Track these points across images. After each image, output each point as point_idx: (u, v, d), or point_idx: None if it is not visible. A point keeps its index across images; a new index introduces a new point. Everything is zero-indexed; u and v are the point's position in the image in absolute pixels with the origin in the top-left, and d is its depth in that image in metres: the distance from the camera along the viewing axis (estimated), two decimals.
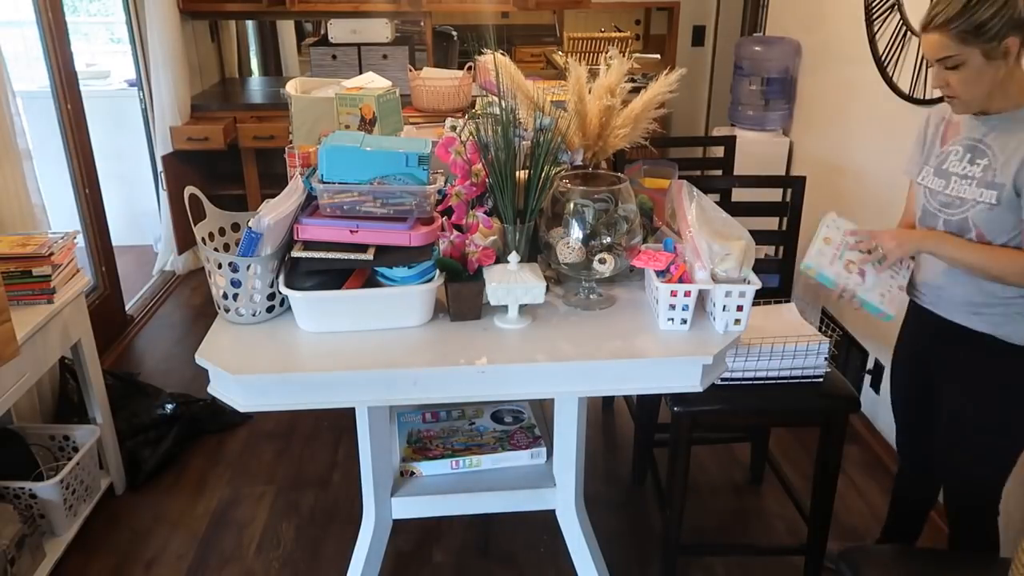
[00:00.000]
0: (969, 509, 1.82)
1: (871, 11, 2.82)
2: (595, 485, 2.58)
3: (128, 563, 2.26)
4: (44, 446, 2.37)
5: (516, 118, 1.63)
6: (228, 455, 2.75)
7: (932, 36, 1.52)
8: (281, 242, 1.51)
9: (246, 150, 3.98)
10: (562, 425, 1.82)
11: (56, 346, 2.17)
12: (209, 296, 3.27)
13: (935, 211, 1.71)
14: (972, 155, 1.64)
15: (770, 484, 2.59)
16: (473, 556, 2.29)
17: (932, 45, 1.54)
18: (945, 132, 1.73)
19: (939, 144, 1.73)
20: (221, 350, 1.45)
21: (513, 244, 1.60)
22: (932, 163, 1.74)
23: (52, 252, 2.07)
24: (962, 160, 1.65)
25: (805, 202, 2.46)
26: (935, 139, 1.75)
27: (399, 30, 4.50)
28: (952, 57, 1.52)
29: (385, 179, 1.50)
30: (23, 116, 2.60)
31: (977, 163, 1.62)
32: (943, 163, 1.70)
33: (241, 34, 5.14)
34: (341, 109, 2.09)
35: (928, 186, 1.73)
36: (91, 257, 3.29)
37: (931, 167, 1.73)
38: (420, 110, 3.63)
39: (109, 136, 4.17)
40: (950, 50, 1.51)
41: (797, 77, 3.57)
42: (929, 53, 1.56)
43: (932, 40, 1.53)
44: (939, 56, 1.53)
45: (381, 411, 1.79)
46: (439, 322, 1.55)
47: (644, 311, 1.60)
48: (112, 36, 5.45)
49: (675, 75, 1.93)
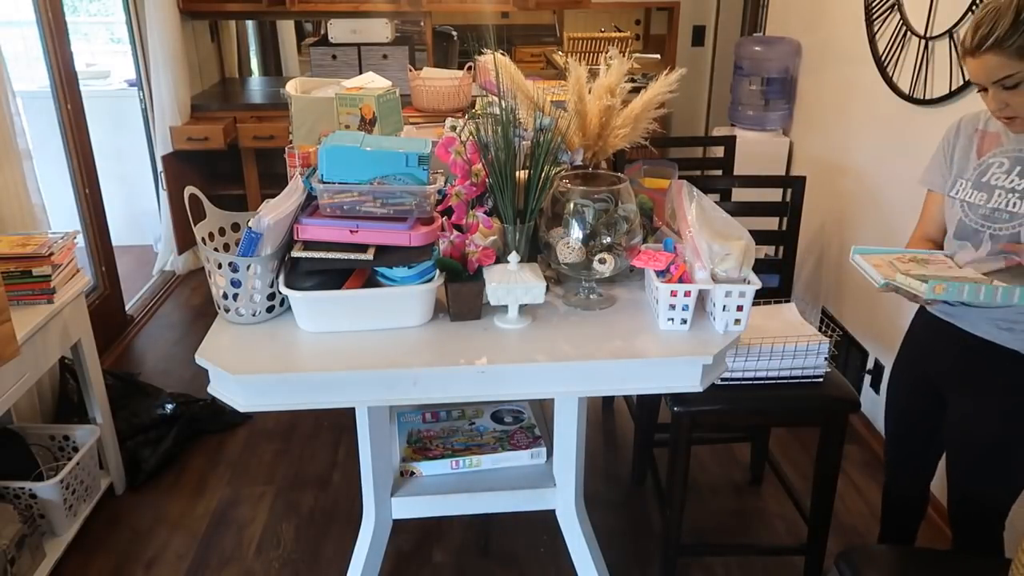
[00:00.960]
0: (977, 523, 1.78)
1: (871, 11, 2.82)
2: (595, 485, 2.58)
3: (128, 563, 2.26)
4: (44, 446, 2.37)
5: (516, 118, 1.62)
6: (228, 455, 2.75)
7: (986, 58, 1.43)
8: (281, 242, 1.51)
9: (246, 150, 3.98)
10: (562, 425, 1.82)
11: (56, 346, 2.17)
12: (209, 296, 3.27)
13: (977, 226, 1.61)
14: (1021, 168, 1.56)
15: (770, 484, 2.59)
16: (473, 556, 2.29)
17: (986, 67, 1.44)
18: (981, 143, 1.64)
19: (975, 155, 1.64)
20: (221, 350, 1.45)
21: (513, 244, 1.60)
22: (969, 176, 1.64)
23: (52, 252, 2.07)
24: (1009, 173, 1.57)
25: (805, 202, 2.46)
26: (969, 151, 1.66)
27: (399, 30, 4.50)
28: (1012, 76, 1.42)
29: (385, 179, 1.50)
30: (23, 116, 2.60)
31: None
32: (983, 175, 1.61)
33: (241, 34, 5.14)
34: (341, 109, 2.09)
35: (966, 200, 1.63)
36: (91, 257, 3.29)
37: (968, 180, 1.64)
38: (420, 110, 3.63)
39: (109, 136, 4.18)
40: (1009, 68, 1.42)
41: (797, 77, 3.58)
42: (982, 77, 1.47)
43: (987, 62, 1.44)
44: (996, 77, 1.44)
45: (381, 411, 1.79)
46: (439, 322, 1.55)
47: (644, 311, 1.60)
48: (112, 36, 5.45)
49: (675, 75, 1.93)
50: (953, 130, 1.71)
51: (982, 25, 1.43)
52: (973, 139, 1.66)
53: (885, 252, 1.61)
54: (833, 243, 3.23)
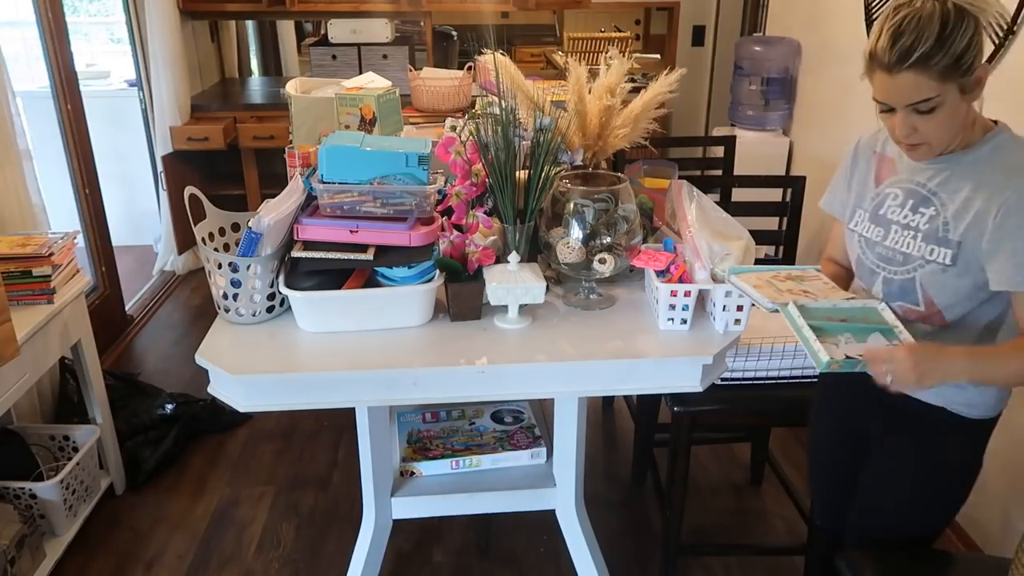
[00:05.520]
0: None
1: (871, 11, 2.82)
2: (595, 485, 2.58)
3: (128, 563, 2.26)
4: (44, 446, 2.37)
5: (516, 118, 1.62)
6: (228, 455, 2.75)
7: (905, 76, 1.21)
8: (281, 242, 1.51)
9: (246, 150, 3.98)
10: (562, 425, 1.82)
11: (56, 346, 2.17)
12: (209, 296, 3.27)
13: (873, 266, 1.42)
14: (914, 202, 1.35)
15: (770, 484, 2.59)
16: (473, 556, 2.29)
17: (903, 87, 1.22)
18: (879, 170, 1.44)
19: (873, 183, 1.45)
20: (221, 350, 1.45)
21: (513, 244, 1.60)
22: (867, 206, 1.44)
23: (52, 252, 2.07)
24: (903, 207, 1.37)
25: (805, 202, 2.46)
26: (867, 177, 1.46)
27: (399, 30, 4.50)
28: (930, 100, 1.22)
29: (385, 179, 1.50)
30: (23, 116, 2.60)
31: (921, 212, 1.34)
32: (880, 207, 1.41)
33: (241, 34, 5.14)
34: (341, 109, 2.09)
35: (863, 235, 1.44)
36: (91, 257, 3.29)
37: (865, 211, 1.44)
38: (420, 110, 3.63)
39: (109, 136, 4.17)
40: (929, 91, 1.21)
41: (797, 77, 3.58)
42: (897, 97, 1.24)
43: (905, 82, 1.22)
44: (913, 100, 1.23)
45: (381, 411, 1.79)
46: (439, 322, 1.55)
47: (644, 311, 1.60)
48: (112, 36, 5.45)
49: (675, 75, 1.93)
50: (851, 153, 1.52)
51: (902, 36, 1.20)
52: (872, 163, 1.46)
53: (759, 271, 1.49)
54: None
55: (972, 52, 1.20)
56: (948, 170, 1.32)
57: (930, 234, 1.32)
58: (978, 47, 1.21)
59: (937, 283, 1.32)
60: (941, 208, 1.31)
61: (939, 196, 1.32)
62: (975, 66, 1.21)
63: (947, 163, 1.32)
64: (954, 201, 1.30)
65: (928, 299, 1.34)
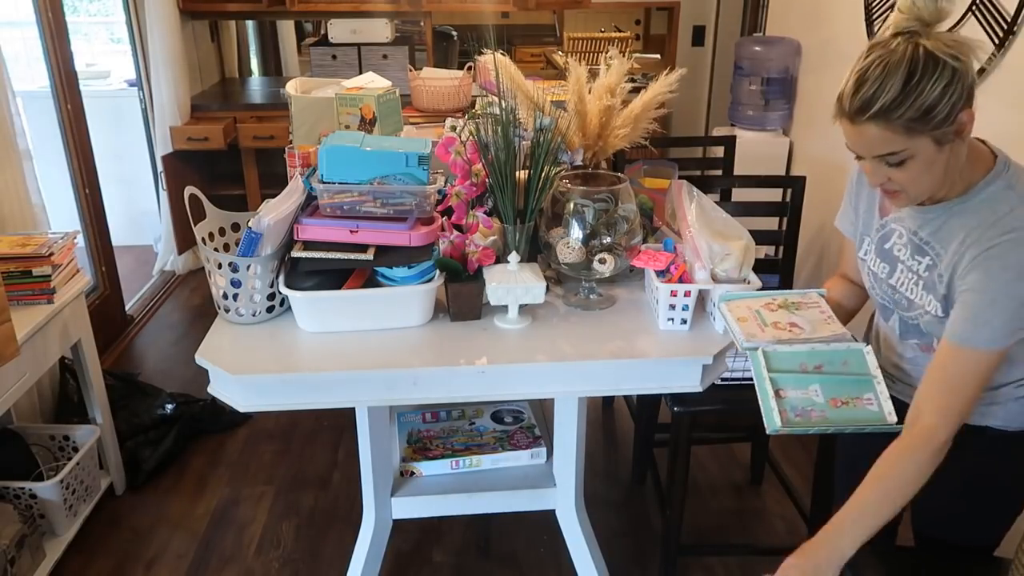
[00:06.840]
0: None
1: (871, 11, 2.82)
2: (595, 485, 2.58)
3: (128, 563, 2.26)
4: (44, 446, 2.37)
5: (516, 118, 1.63)
6: (228, 455, 2.74)
7: (866, 127, 1.14)
8: (281, 242, 1.51)
9: (246, 150, 3.98)
10: (562, 425, 1.82)
11: (56, 346, 2.17)
12: (209, 296, 3.27)
13: (885, 302, 1.36)
14: (911, 250, 1.29)
15: (770, 484, 2.59)
16: (473, 556, 2.29)
17: (868, 139, 1.15)
18: (884, 199, 1.36)
19: (877, 214, 1.38)
20: (221, 350, 1.45)
21: (513, 244, 1.60)
22: (873, 236, 1.38)
23: (52, 252, 2.07)
24: (906, 247, 1.30)
25: (805, 202, 2.46)
26: (872, 205, 1.40)
27: (399, 30, 4.50)
28: (897, 153, 1.14)
29: (385, 179, 1.50)
30: (23, 116, 2.60)
31: (918, 259, 1.28)
32: (886, 241, 1.35)
33: (241, 34, 5.14)
34: (341, 109, 2.09)
35: (872, 268, 1.39)
36: (91, 257, 3.29)
37: (872, 241, 1.38)
38: (420, 110, 3.63)
39: (109, 136, 4.17)
40: (894, 145, 1.13)
41: (797, 77, 3.57)
42: (862, 148, 1.17)
43: (869, 134, 1.14)
44: (879, 152, 1.16)
45: (381, 411, 1.79)
46: (439, 322, 1.55)
47: (644, 311, 1.60)
48: (112, 36, 5.45)
49: (675, 75, 1.93)
50: (854, 177, 1.45)
51: (864, 84, 1.13)
52: (876, 192, 1.38)
53: (753, 297, 1.44)
54: (833, 243, 3.23)
55: (947, 103, 1.10)
56: (940, 220, 1.25)
57: (929, 283, 1.27)
58: (956, 96, 1.11)
59: (940, 331, 1.26)
60: (936, 259, 1.25)
61: (932, 247, 1.26)
62: (952, 117, 1.12)
63: (940, 213, 1.25)
64: (948, 252, 1.23)
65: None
